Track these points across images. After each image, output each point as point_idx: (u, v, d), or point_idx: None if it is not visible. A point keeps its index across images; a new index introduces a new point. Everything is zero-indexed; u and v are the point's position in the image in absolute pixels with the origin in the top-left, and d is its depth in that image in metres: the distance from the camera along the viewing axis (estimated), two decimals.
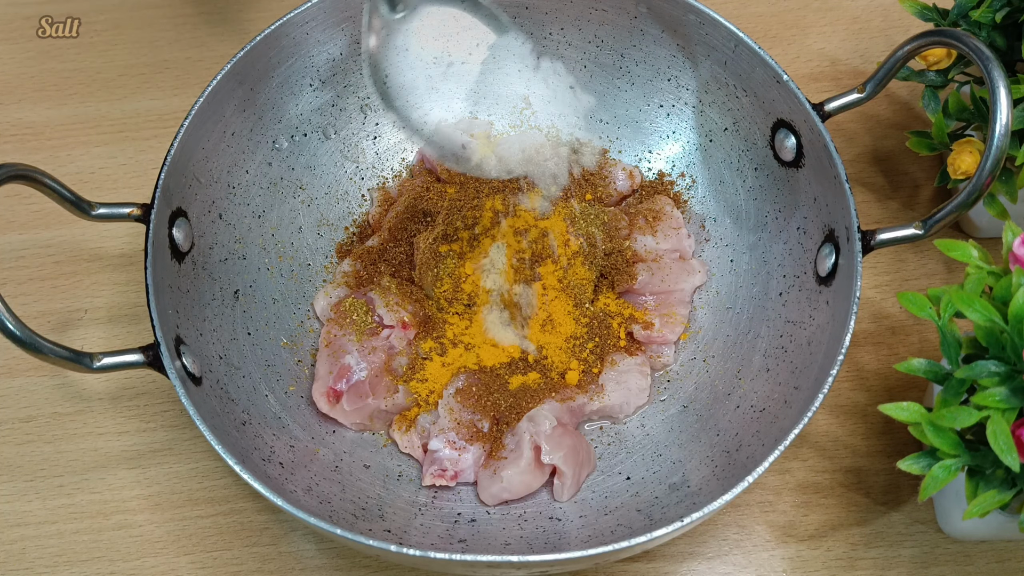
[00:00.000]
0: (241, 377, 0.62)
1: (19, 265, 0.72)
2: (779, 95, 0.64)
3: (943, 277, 0.71)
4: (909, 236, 0.59)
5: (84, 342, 0.69)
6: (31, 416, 0.67)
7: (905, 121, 0.77)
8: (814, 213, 0.63)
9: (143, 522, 0.63)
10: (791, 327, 0.62)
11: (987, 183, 0.56)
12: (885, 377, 0.68)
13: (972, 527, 0.58)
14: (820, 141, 0.62)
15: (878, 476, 0.65)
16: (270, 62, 0.67)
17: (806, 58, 0.80)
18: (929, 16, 0.65)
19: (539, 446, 0.59)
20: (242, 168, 0.67)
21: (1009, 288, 0.49)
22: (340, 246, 0.70)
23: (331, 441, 0.63)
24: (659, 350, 0.66)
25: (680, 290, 0.67)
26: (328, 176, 0.71)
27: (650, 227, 0.68)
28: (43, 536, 0.63)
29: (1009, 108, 0.55)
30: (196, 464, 0.65)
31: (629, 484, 0.61)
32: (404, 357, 0.64)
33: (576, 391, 0.63)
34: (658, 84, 0.71)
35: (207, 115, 0.63)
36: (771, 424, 0.58)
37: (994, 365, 0.48)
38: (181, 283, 0.61)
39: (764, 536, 0.63)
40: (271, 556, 0.62)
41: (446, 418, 0.61)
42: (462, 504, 0.61)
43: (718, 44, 0.67)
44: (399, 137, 0.74)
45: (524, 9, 0.71)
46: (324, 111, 0.71)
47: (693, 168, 0.72)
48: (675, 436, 0.63)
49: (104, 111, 0.78)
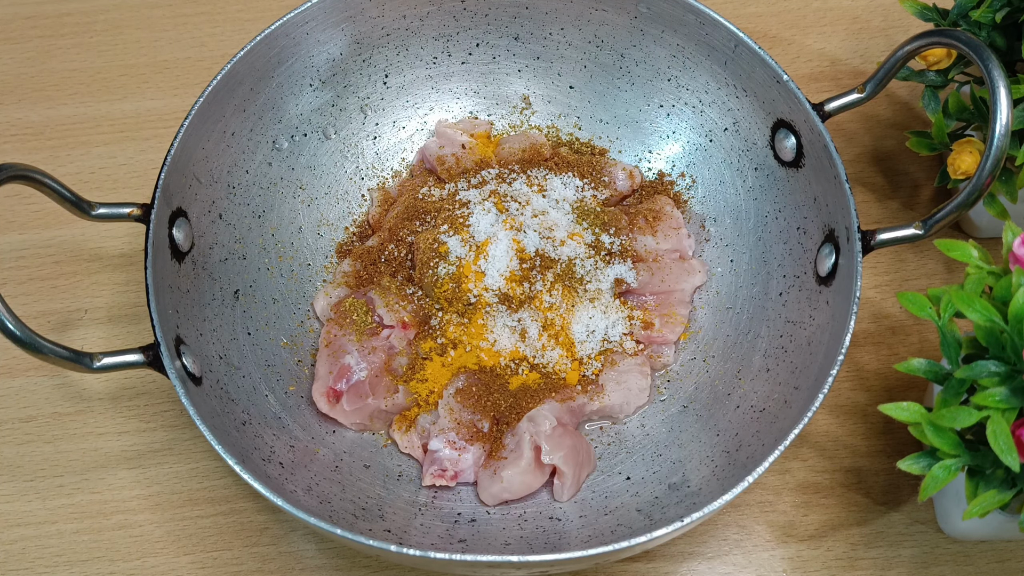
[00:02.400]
0: (241, 377, 0.62)
1: (19, 265, 0.72)
2: (779, 95, 0.64)
3: (943, 277, 0.71)
4: (909, 236, 0.59)
5: (84, 342, 0.69)
6: (31, 416, 0.67)
7: (905, 121, 0.77)
8: (814, 213, 0.63)
9: (143, 522, 0.63)
10: (791, 327, 0.62)
11: (987, 183, 0.56)
12: (885, 377, 0.68)
13: (972, 527, 0.58)
14: (820, 141, 0.62)
15: (878, 476, 0.65)
16: (270, 62, 0.67)
17: (806, 58, 0.80)
18: (929, 16, 0.65)
19: (539, 446, 0.59)
20: (242, 168, 0.67)
21: (1009, 288, 0.49)
22: (340, 246, 0.70)
23: (331, 441, 0.63)
24: (659, 350, 0.66)
25: (680, 290, 0.67)
26: (328, 176, 0.71)
27: (650, 227, 0.68)
28: (43, 536, 0.63)
29: (1009, 108, 0.55)
30: (196, 464, 0.65)
31: (629, 484, 0.61)
32: (404, 357, 0.64)
33: (576, 391, 0.63)
34: (658, 84, 0.71)
35: (207, 115, 0.63)
36: (771, 424, 0.58)
37: (994, 365, 0.48)
38: (181, 283, 0.61)
39: (764, 536, 0.63)
40: (271, 556, 0.62)
41: (446, 418, 0.61)
42: (462, 504, 0.61)
43: (718, 44, 0.67)
44: (399, 137, 0.74)
45: (524, 9, 0.71)
46: (324, 111, 0.71)
47: (693, 168, 0.72)
48: (675, 436, 0.63)
49: (104, 111, 0.78)
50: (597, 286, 0.65)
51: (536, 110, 0.75)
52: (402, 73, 0.73)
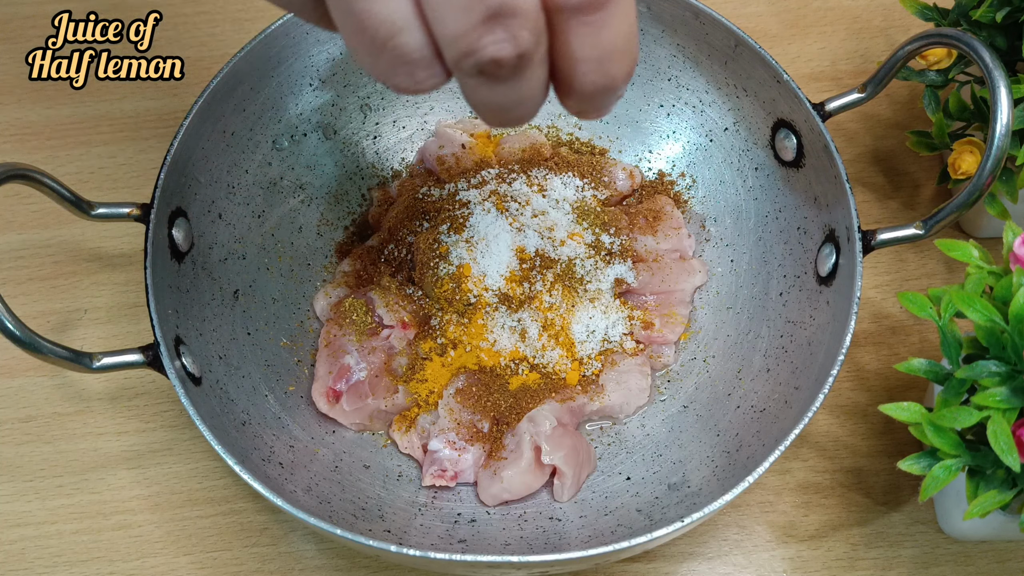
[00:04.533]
0: (241, 377, 0.62)
1: (19, 265, 0.72)
2: (779, 95, 0.64)
3: (943, 277, 0.71)
4: (909, 236, 0.59)
5: (84, 342, 0.69)
6: (31, 416, 0.67)
7: (905, 121, 0.77)
8: (814, 213, 0.63)
9: (143, 522, 0.63)
10: (791, 327, 0.62)
11: (988, 183, 0.56)
12: (885, 377, 0.68)
13: (972, 527, 0.58)
14: (820, 141, 0.61)
15: (878, 476, 0.64)
16: (270, 62, 0.66)
17: (806, 58, 0.80)
18: (929, 16, 0.65)
19: (539, 446, 0.59)
20: (242, 168, 0.67)
21: (1009, 288, 0.49)
22: (340, 246, 0.70)
23: (331, 441, 0.63)
24: (659, 350, 0.66)
25: (680, 290, 0.67)
26: (328, 176, 0.71)
27: (650, 227, 0.68)
28: (43, 536, 0.63)
29: (1010, 108, 0.55)
30: (196, 464, 0.65)
31: (629, 484, 0.61)
32: (404, 357, 0.64)
33: (576, 391, 0.63)
34: (658, 84, 0.71)
35: (207, 115, 0.63)
36: (771, 424, 0.58)
37: (995, 365, 0.48)
38: (181, 283, 0.60)
39: (764, 536, 0.63)
40: (271, 556, 0.62)
41: (446, 418, 0.61)
42: (462, 504, 0.61)
43: (718, 44, 0.66)
44: (399, 137, 0.74)
45: None
46: (324, 111, 0.71)
47: (693, 168, 0.71)
48: (675, 436, 0.63)
49: (104, 111, 0.78)
50: (597, 286, 0.65)
51: None
52: None
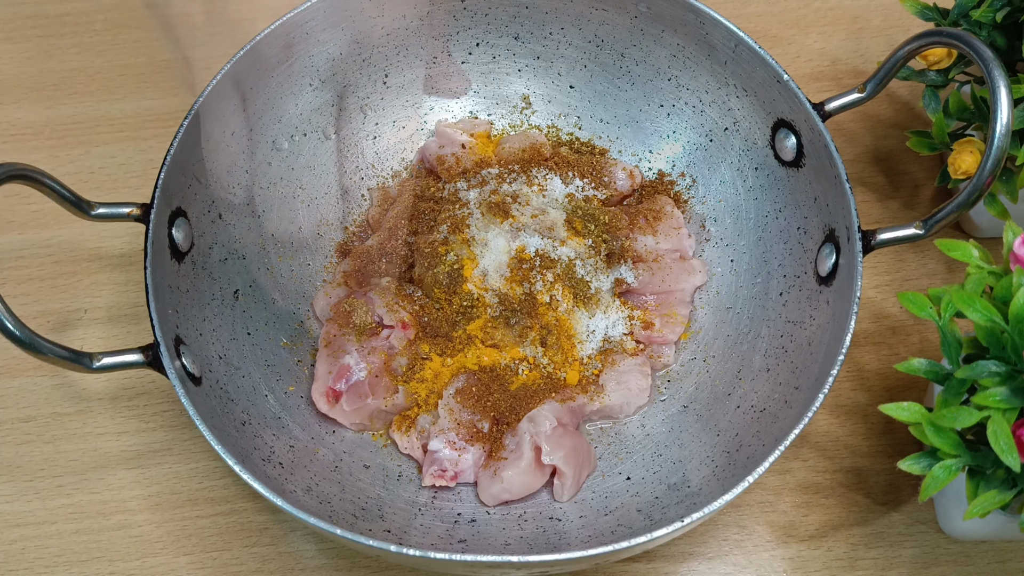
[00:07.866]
0: (241, 377, 0.62)
1: (19, 265, 0.72)
2: (779, 95, 0.64)
3: (943, 277, 0.71)
4: (909, 236, 0.59)
5: (84, 342, 0.69)
6: (31, 416, 0.67)
7: (905, 121, 0.77)
8: (814, 213, 0.63)
9: (142, 522, 0.63)
10: (791, 327, 0.62)
11: (988, 183, 0.56)
12: (885, 377, 0.68)
13: (972, 527, 0.58)
14: (820, 141, 0.61)
15: (878, 476, 0.64)
16: (270, 62, 0.67)
17: (806, 58, 0.80)
18: (929, 16, 0.65)
19: (539, 446, 0.59)
20: (242, 168, 0.67)
21: (1009, 288, 0.49)
22: (340, 246, 0.70)
23: (331, 441, 0.63)
24: (659, 350, 0.66)
25: (680, 290, 0.67)
26: (328, 176, 0.71)
27: (650, 227, 0.68)
28: (42, 536, 0.63)
29: (1010, 108, 0.55)
30: (196, 464, 0.65)
31: (629, 484, 0.61)
32: (404, 357, 0.64)
33: (576, 391, 0.63)
34: (658, 84, 0.71)
35: (207, 115, 0.63)
36: (771, 424, 0.58)
37: (995, 365, 0.48)
38: (181, 283, 0.60)
39: (764, 536, 0.63)
40: (271, 556, 0.62)
41: (446, 418, 0.61)
42: (462, 504, 0.61)
43: (718, 44, 0.66)
44: (399, 137, 0.74)
45: (524, 9, 0.71)
46: (324, 111, 0.71)
47: (693, 168, 0.71)
48: (675, 436, 0.63)
49: (104, 111, 0.78)
50: (597, 286, 0.65)
51: (536, 110, 0.75)
52: (402, 73, 0.73)
